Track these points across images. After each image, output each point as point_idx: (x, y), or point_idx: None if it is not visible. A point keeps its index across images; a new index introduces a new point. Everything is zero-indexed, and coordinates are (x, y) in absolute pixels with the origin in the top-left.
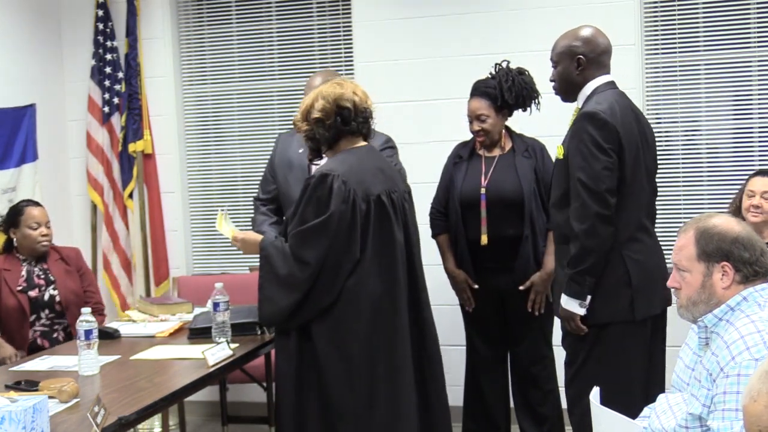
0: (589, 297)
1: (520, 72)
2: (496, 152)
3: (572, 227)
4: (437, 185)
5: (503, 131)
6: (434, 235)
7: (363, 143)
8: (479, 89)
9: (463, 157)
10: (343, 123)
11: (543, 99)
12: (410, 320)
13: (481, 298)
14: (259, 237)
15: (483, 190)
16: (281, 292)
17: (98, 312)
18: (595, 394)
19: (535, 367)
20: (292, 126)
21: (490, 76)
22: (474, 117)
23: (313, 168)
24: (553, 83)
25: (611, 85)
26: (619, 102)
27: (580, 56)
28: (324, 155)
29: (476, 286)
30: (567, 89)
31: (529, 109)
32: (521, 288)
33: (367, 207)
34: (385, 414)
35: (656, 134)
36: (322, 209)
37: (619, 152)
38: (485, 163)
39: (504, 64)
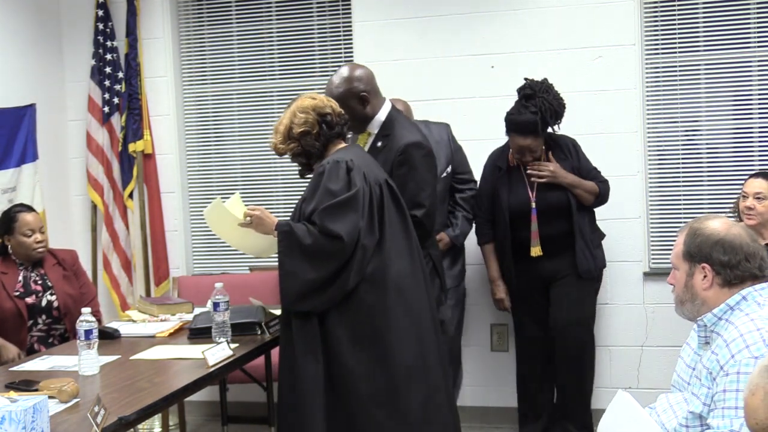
0: None
1: (547, 89)
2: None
3: None
4: (478, 194)
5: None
6: (482, 243)
7: (345, 144)
8: (520, 128)
9: (502, 168)
10: (329, 129)
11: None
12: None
13: (527, 285)
14: (274, 218)
15: (533, 204)
16: (305, 264)
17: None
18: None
19: (575, 352)
20: None
21: (522, 99)
22: (524, 150)
23: None
24: None
25: (396, 108)
26: (418, 126)
27: (363, 93)
28: (314, 167)
29: (509, 308)
30: (359, 125)
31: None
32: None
33: (380, 190)
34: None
35: (656, 134)
36: (347, 186)
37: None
38: (527, 174)
39: (528, 89)
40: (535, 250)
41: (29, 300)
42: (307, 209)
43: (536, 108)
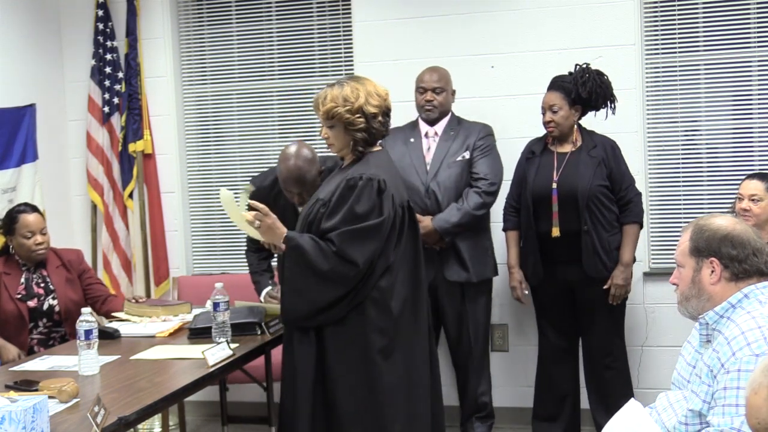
0: None
1: (599, 73)
2: (568, 148)
3: None
4: (511, 181)
5: (575, 128)
6: (505, 229)
7: (379, 148)
8: (556, 83)
9: (535, 152)
10: (386, 125)
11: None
12: None
13: (551, 290)
14: (283, 228)
15: (555, 185)
16: (319, 286)
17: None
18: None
19: (608, 358)
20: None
21: (569, 74)
22: (547, 108)
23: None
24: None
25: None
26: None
27: (322, 168)
28: (352, 153)
29: (527, 292)
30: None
31: (604, 110)
32: (605, 287)
33: (402, 213)
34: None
35: (656, 134)
36: (376, 212)
37: None
38: (557, 158)
39: (584, 65)
40: (554, 231)
41: (31, 303)
42: (327, 224)
43: (576, 75)
